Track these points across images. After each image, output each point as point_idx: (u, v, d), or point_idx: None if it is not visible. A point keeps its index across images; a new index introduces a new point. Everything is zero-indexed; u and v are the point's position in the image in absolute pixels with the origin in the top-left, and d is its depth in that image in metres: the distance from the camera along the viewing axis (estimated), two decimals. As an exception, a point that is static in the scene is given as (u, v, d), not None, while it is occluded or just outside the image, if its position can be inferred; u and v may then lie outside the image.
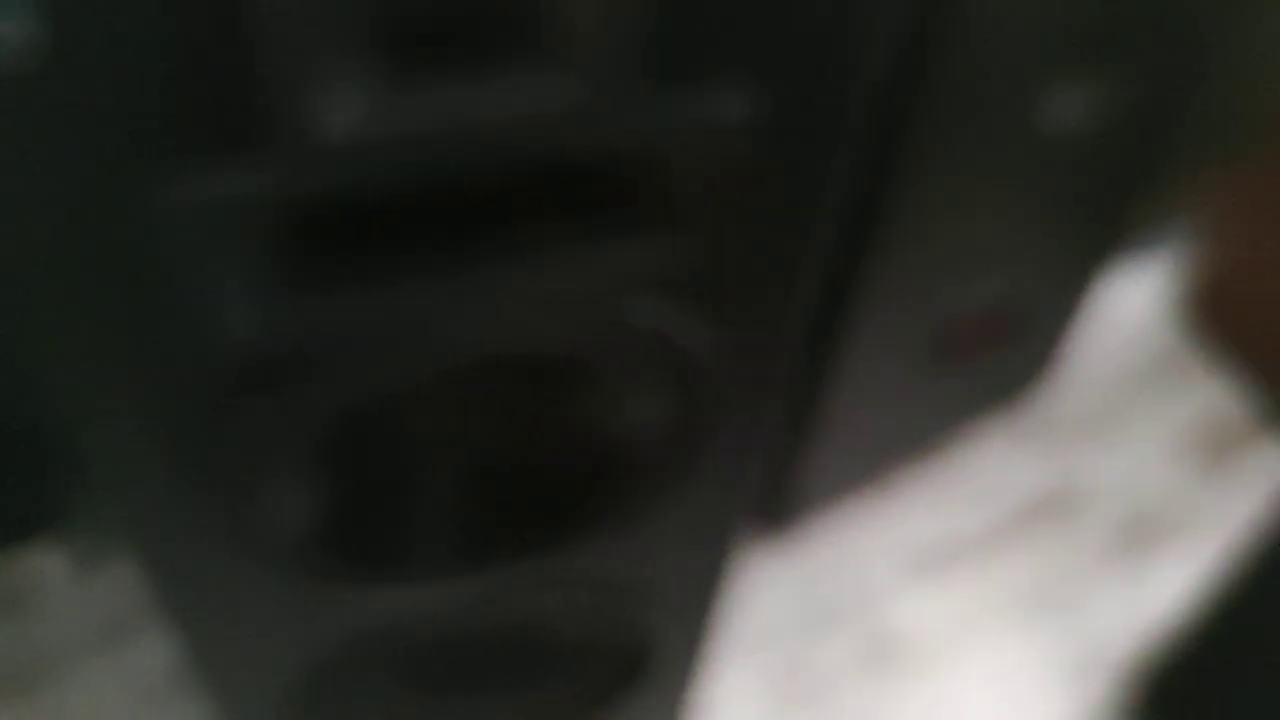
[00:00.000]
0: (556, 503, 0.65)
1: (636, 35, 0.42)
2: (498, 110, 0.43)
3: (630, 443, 0.63)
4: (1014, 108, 0.96)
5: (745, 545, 1.29)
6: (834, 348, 1.10)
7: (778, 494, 1.26)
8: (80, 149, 0.39)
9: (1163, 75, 1.07)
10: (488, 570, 0.66)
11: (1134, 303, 1.58)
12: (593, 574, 0.70)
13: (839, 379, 1.14)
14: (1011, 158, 1.02)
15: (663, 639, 0.84)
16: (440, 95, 0.42)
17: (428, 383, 0.58)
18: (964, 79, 0.89)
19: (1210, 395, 1.47)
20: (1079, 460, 1.39)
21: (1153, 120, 1.13)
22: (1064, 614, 1.24)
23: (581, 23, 0.41)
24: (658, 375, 0.57)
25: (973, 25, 0.85)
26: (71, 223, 0.41)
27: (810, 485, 1.25)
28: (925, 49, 0.85)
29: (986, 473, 1.37)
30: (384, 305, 0.48)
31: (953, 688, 1.17)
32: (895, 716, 1.14)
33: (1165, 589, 1.27)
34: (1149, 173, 1.21)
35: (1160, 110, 1.12)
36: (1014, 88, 0.94)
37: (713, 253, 0.52)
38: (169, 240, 0.43)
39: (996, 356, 1.31)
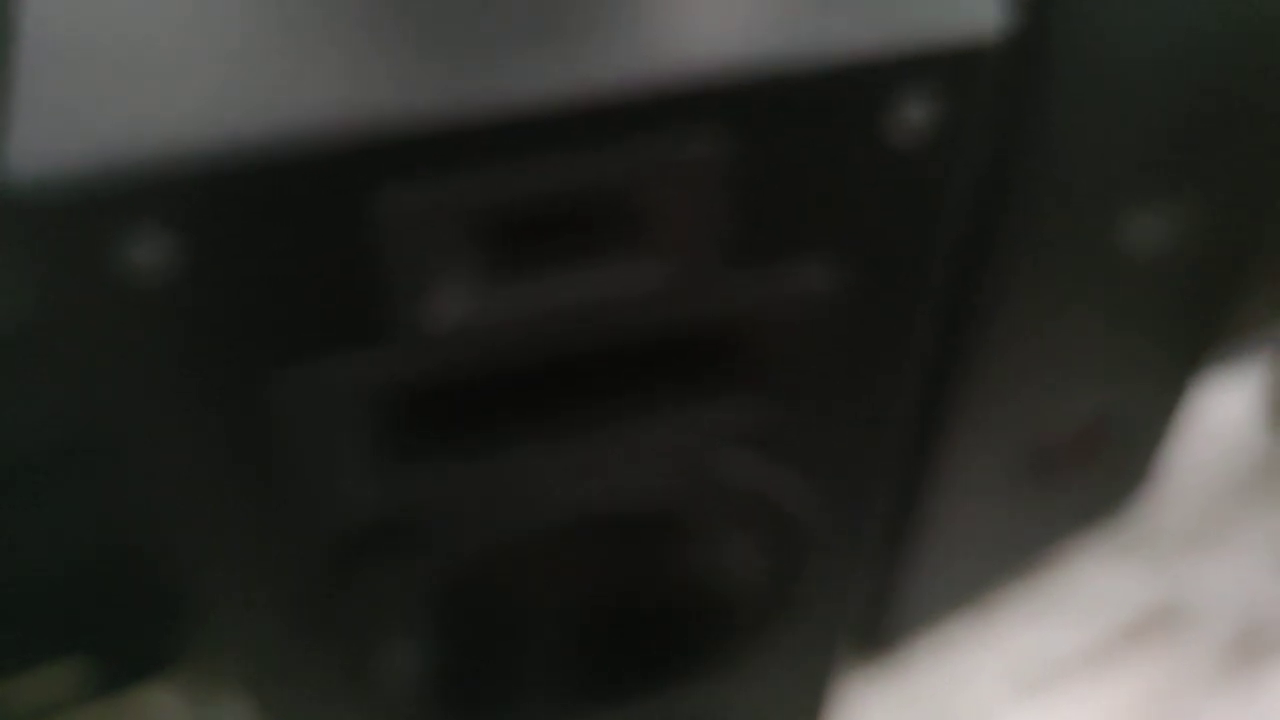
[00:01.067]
0: (660, 648, 0.67)
1: (723, 223, 0.45)
2: (592, 298, 0.46)
3: (729, 588, 0.65)
4: (1095, 233, 0.97)
5: (847, 669, 1.28)
6: (929, 469, 1.11)
7: (878, 616, 1.26)
8: (212, 345, 0.43)
9: (1238, 198, 1.08)
10: (595, 716, 0.68)
11: (1230, 411, 1.56)
12: (698, 716, 0.71)
13: (935, 500, 1.14)
14: (1095, 280, 1.04)
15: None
16: (540, 287, 0.45)
17: (532, 541, 0.61)
18: (1045, 210, 0.91)
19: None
20: (1184, 573, 1.36)
21: (1233, 239, 1.13)
22: (1179, 734, 1.21)
23: (672, 217, 0.44)
24: (753, 527, 0.59)
25: (1054, 160, 0.87)
26: (205, 405, 0.44)
27: (910, 607, 1.25)
28: (1007, 187, 0.87)
29: (1090, 588, 1.35)
30: (490, 475, 0.51)
31: (1066, 815, 1.14)
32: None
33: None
34: (1234, 288, 1.21)
35: (1239, 230, 1.13)
36: (1094, 215, 0.96)
37: (803, 410, 0.55)
38: (294, 419, 0.46)
39: (1095, 471, 1.30)
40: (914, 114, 0.45)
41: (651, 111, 0.42)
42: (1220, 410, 1.56)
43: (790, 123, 0.44)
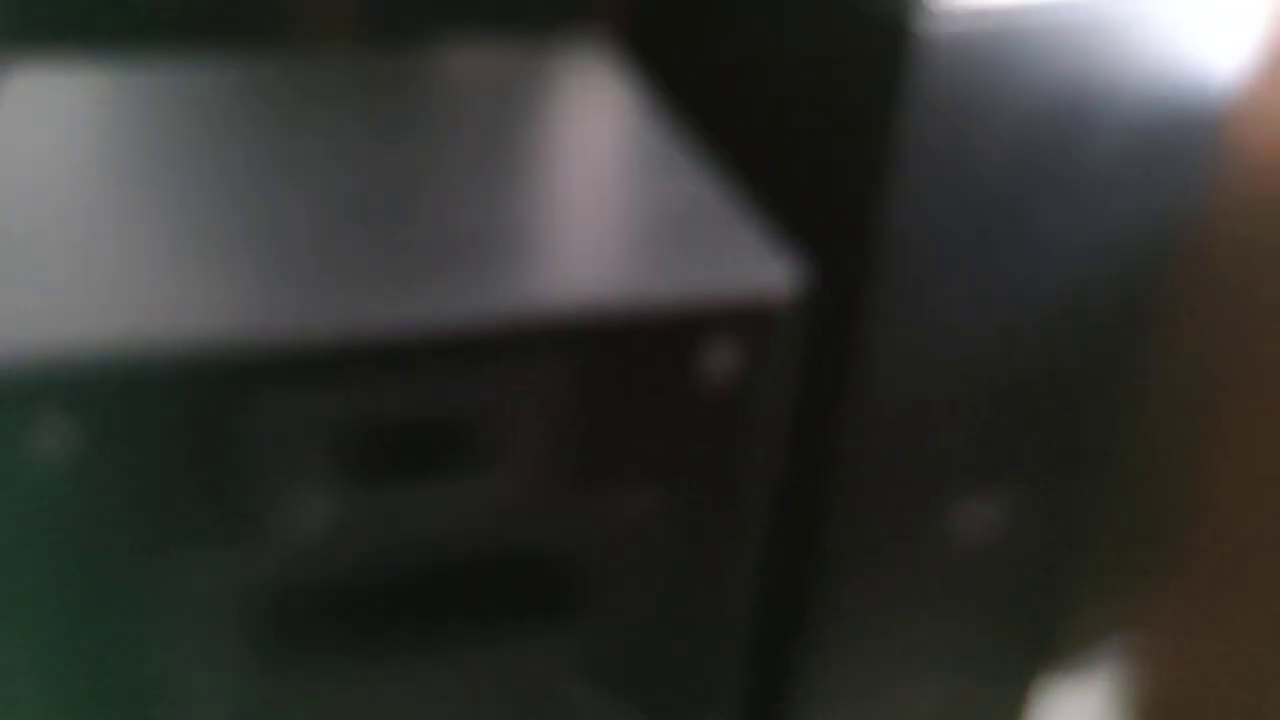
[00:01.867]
0: None
1: (558, 449, 0.51)
2: (440, 512, 0.51)
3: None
4: (921, 520, 1.05)
5: None
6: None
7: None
8: (97, 528, 0.46)
9: (1064, 491, 1.18)
10: None
11: (1081, 712, 1.61)
12: None
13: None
14: (928, 568, 1.10)
15: None
16: (392, 500, 0.50)
17: None
18: (869, 495, 0.99)
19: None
20: None
21: (1064, 532, 1.22)
22: None
23: (513, 441, 0.50)
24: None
25: (873, 445, 0.95)
26: (92, 580, 0.47)
27: None
28: (832, 474, 0.95)
29: None
30: (335, 695, 0.54)
31: None
32: None
33: None
34: (1072, 583, 1.29)
35: (1069, 522, 1.22)
36: (919, 502, 1.03)
37: (636, 636, 0.59)
38: (164, 610, 0.49)
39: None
40: (719, 361, 0.53)
41: (496, 345, 0.50)
42: (1071, 713, 1.61)
43: (617, 364, 0.52)
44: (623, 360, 0.52)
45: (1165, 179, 0.93)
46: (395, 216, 0.53)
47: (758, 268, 0.53)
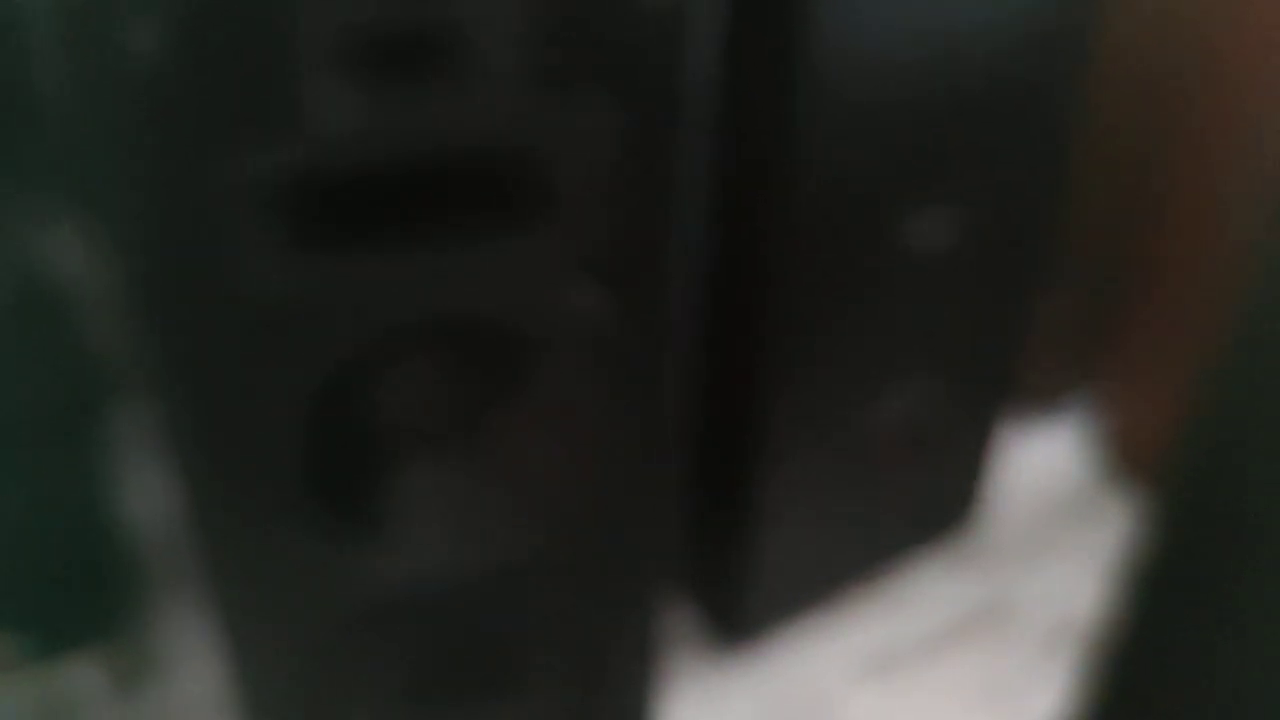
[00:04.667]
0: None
1: (525, 56, 0.67)
2: (435, 110, 0.67)
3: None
4: (872, 225, 1.17)
5: (704, 659, 1.43)
6: (758, 455, 1.28)
7: (729, 611, 1.42)
8: (176, 122, 0.63)
9: (1009, 196, 1.30)
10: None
11: (1053, 451, 1.78)
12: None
13: (769, 485, 1.31)
14: (882, 273, 1.23)
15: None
16: (397, 98, 0.66)
17: (393, 342, 0.79)
18: (823, 204, 1.11)
19: (1127, 523, 1.64)
20: (1009, 579, 1.55)
21: (1012, 239, 1.34)
22: (1004, 706, 1.37)
23: (483, 47, 0.66)
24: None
25: (824, 156, 1.08)
26: (170, 173, 0.64)
27: (759, 601, 1.41)
28: (786, 181, 1.08)
29: (926, 591, 1.53)
30: (365, 270, 0.71)
31: (898, 761, 1.29)
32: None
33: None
34: (1028, 298, 1.43)
35: (1016, 229, 1.34)
36: (871, 206, 1.16)
37: (603, 231, 0.75)
38: (228, 194, 0.66)
39: (921, 474, 1.49)
40: None
41: None
42: (1045, 450, 1.78)
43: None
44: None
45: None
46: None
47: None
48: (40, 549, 1.20)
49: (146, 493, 1.48)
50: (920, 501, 1.52)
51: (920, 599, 1.52)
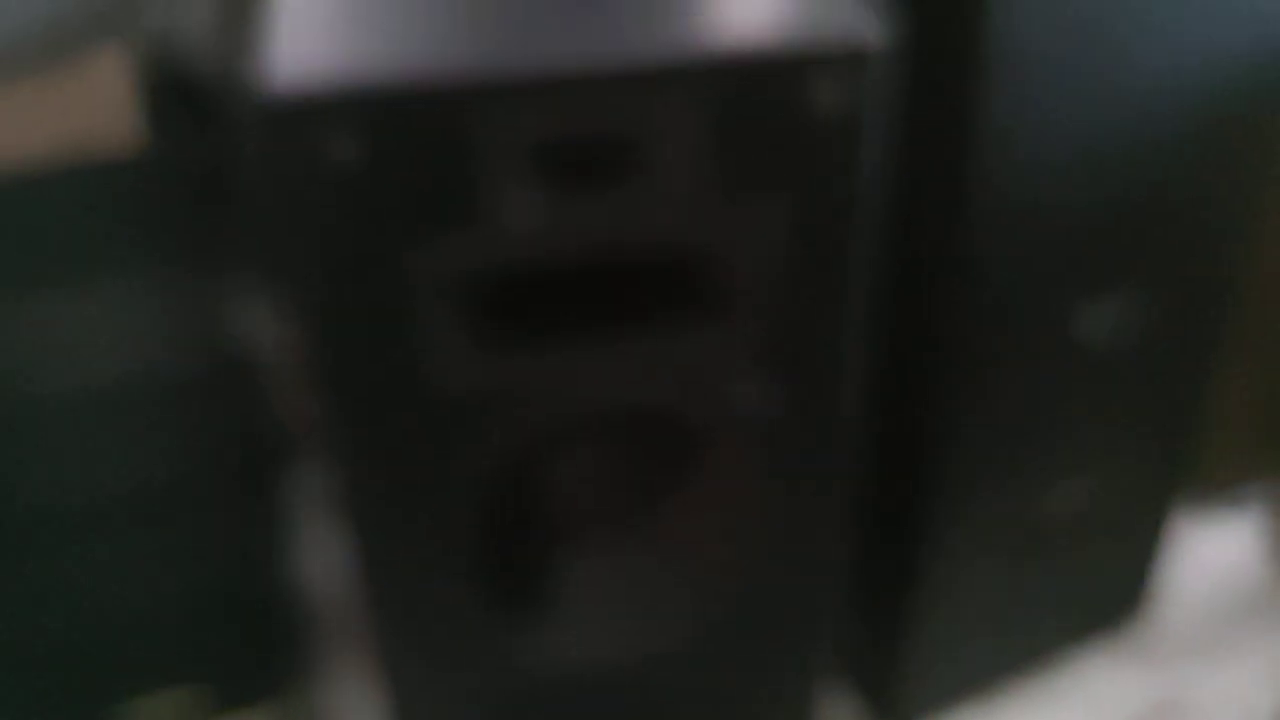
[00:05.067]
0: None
1: (704, 166, 0.70)
2: (618, 212, 0.71)
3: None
4: (1043, 320, 1.17)
5: (864, 742, 1.41)
6: (921, 549, 1.27)
7: (889, 689, 1.39)
8: (373, 221, 0.68)
9: (1189, 295, 1.27)
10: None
11: (1230, 544, 1.71)
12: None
13: (934, 571, 1.30)
14: (1053, 367, 1.22)
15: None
16: (573, 206, 0.70)
17: (570, 433, 0.83)
18: (995, 292, 1.12)
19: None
20: (1182, 678, 1.48)
21: (1190, 338, 1.31)
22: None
23: (671, 157, 0.70)
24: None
25: (1002, 247, 1.08)
26: (363, 269, 0.69)
27: (919, 682, 1.38)
28: (960, 269, 1.09)
29: (1093, 686, 1.47)
30: (545, 364, 0.75)
31: None
32: None
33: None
34: (1202, 397, 1.39)
35: (1196, 329, 1.31)
36: (1042, 301, 1.16)
37: (776, 326, 0.78)
38: (420, 288, 0.71)
39: (1090, 565, 1.45)
40: (826, 92, 0.71)
41: (653, 80, 0.69)
42: (1219, 542, 1.71)
43: (743, 94, 0.70)
44: (746, 91, 0.70)
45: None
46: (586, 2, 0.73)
47: (856, 22, 0.71)
48: (218, 608, 1.26)
49: (320, 556, 1.55)
50: (1088, 594, 1.47)
51: (1087, 694, 1.47)
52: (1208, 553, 1.71)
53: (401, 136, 0.65)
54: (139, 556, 1.18)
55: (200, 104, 1.10)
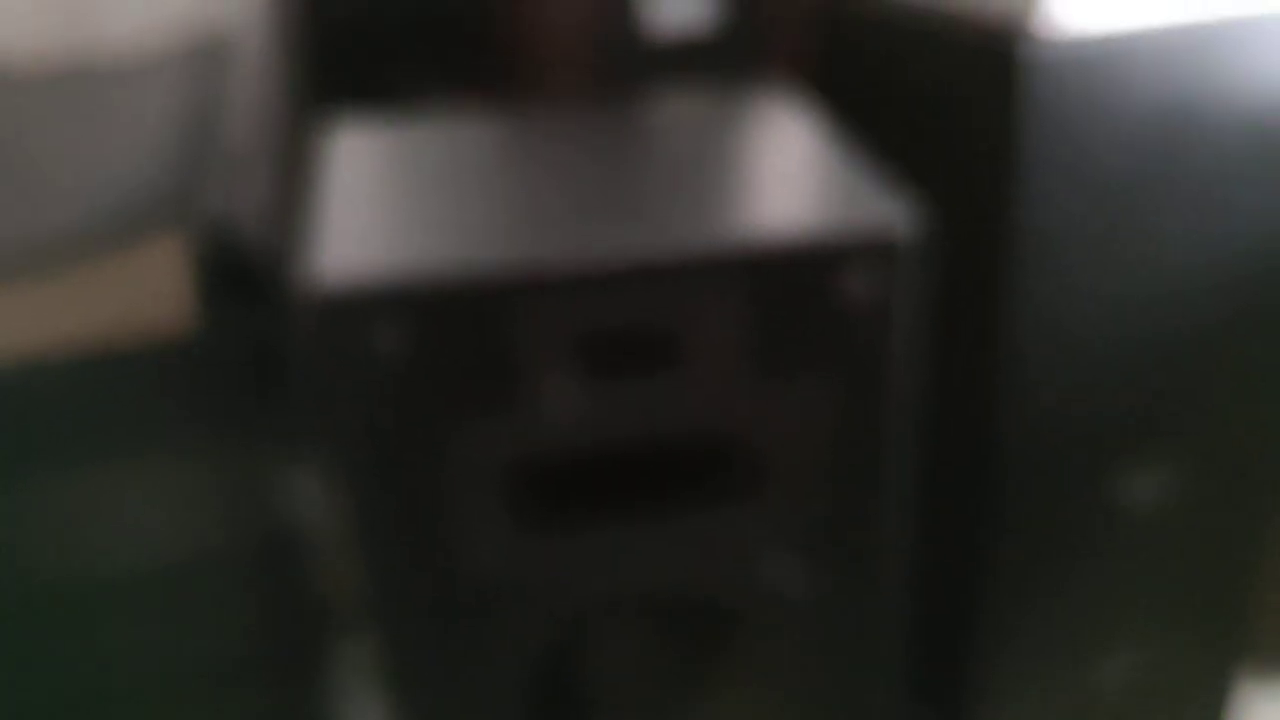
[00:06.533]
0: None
1: (739, 350, 0.72)
2: (657, 401, 0.72)
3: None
4: (1084, 487, 1.16)
5: None
6: (982, 711, 1.24)
7: None
8: (413, 409, 0.70)
9: (1228, 456, 1.26)
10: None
11: (1296, 715, 1.64)
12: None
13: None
14: (1100, 538, 1.21)
15: None
16: (613, 394, 0.72)
17: (608, 618, 0.83)
18: (1035, 466, 1.11)
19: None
20: None
21: (1235, 505, 1.30)
22: None
23: (705, 344, 0.71)
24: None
25: (1038, 414, 1.09)
26: (404, 452, 0.70)
27: None
28: (994, 446, 1.09)
29: None
30: (579, 550, 0.75)
31: None
32: None
33: None
34: (1256, 561, 1.36)
35: (1238, 496, 1.29)
36: (1083, 471, 1.15)
37: (814, 509, 0.78)
38: (458, 474, 0.72)
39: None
40: (858, 283, 0.73)
41: (691, 271, 0.71)
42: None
43: (777, 285, 0.72)
44: (781, 282, 0.72)
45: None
46: (623, 197, 0.76)
47: (886, 215, 0.73)
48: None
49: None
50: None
51: None
52: (1275, 723, 1.65)
53: (444, 329, 0.67)
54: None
55: (254, 287, 1.14)
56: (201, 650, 1.16)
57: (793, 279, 0.71)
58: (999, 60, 0.90)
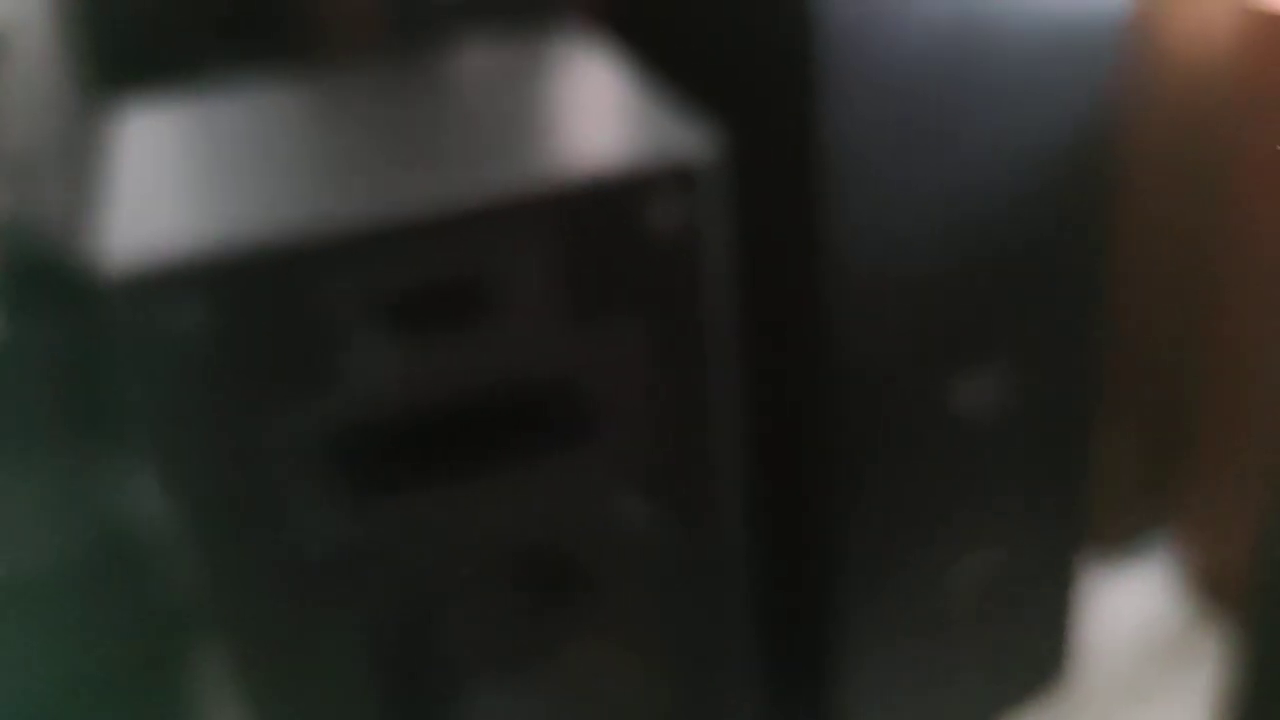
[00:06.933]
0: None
1: (551, 293, 0.72)
2: (468, 348, 0.72)
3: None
4: (917, 395, 1.20)
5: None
6: (834, 635, 1.27)
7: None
8: (217, 388, 0.68)
9: (1054, 356, 1.31)
10: None
11: (1140, 594, 1.74)
12: None
13: (848, 665, 1.30)
14: (938, 444, 1.25)
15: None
16: (430, 350, 0.71)
17: (457, 578, 0.82)
18: (870, 382, 1.14)
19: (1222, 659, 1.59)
20: (1114, 731, 1.49)
21: (1062, 392, 1.35)
22: None
23: (515, 291, 0.71)
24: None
25: (861, 328, 1.11)
26: (212, 437, 0.69)
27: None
28: (827, 366, 1.11)
29: (1028, 754, 1.47)
30: (413, 513, 0.75)
31: None
32: None
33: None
34: (1088, 455, 1.42)
35: (1064, 382, 1.35)
36: (915, 380, 1.18)
37: (643, 443, 0.79)
38: (274, 453, 0.70)
39: (1008, 640, 1.46)
40: (663, 213, 0.74)
41: (495, 215, 0.70)
42: (1129, 593, 1.74)
43: (585, 221, 0.72)
44: (586, 218, 0.72)
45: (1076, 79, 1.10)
46: (423, 149, 0.75)
47: (685, 144, 0.74)
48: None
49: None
50: (1009, 659, 1.48)
51: (1022, 763, 1.47)
52: (1120, 606, 1.74)
53: (247, 299, 0.66)
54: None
55: (56, 290, 1.10)
56: (55, 662, 1.12)
57: (597, 214, 0.72)
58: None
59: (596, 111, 0.80)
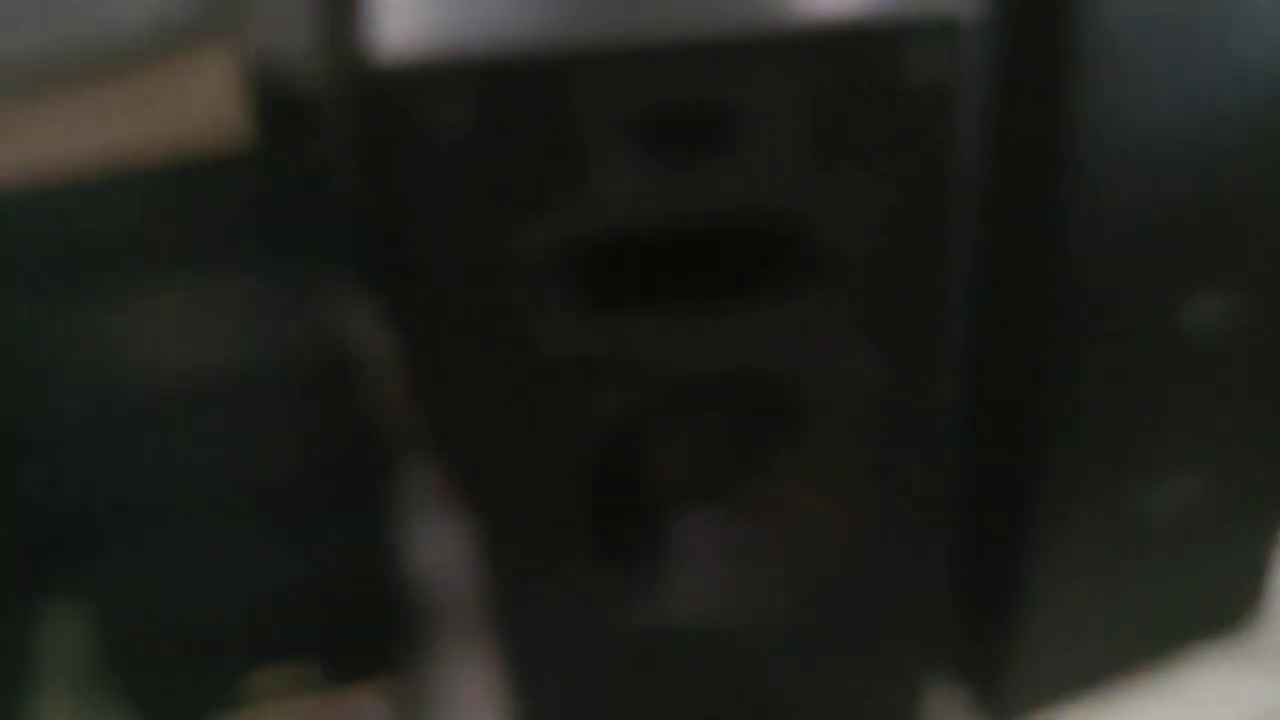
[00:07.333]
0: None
1: (802, 136, 0.71)
2: (719, 183, 0.72)
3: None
4: (1145, 310, 1.14)
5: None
6: (1028, 538, 1.25)
7: (996, 693, 1.37)
8: (476, 192, 0.69)
9: None
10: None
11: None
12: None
13: (1037, 575, 1.27)
14: (1158, 361, 1.18)
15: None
16: (673, 173, 0.72)
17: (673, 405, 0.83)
18: (1093, 282, 1.09)
19: None
20: (1305, 680, 1.43)
21: None
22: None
23: (768, 128, 0.70)
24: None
25: (1098, 242, 1.06)
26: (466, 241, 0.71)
27: (1027, 685, 1.35)
28: (1056, 257, 1.06)
29: (1207, 687, 1.43)
30: (649, 329, 0.76)
31: None
32: None
33: None
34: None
35: None
36: (1144, 293, 1.12)
37: (873, 297, 0.78)
38: (521, 259, 0.72)
39: (1202, 573, 1.41)
40: (918, 64, 0.71)
41: (753, 49, 0.70)
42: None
43: (841, 65, 0.71)
44: (843, 61, 0.71)
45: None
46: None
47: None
48: (334, 592, 1.30)
49: (432, 541, 1.57)
50: (1200, 594, 1.43)
51: (1198, 696, 1.42)
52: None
53: (506, 103, 0.67)
54: (253, 543, 1.22)
55: (305, 103, 1.14)
56: (264, 465, 1.19)
57: (854, 58, 0.70)
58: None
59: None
